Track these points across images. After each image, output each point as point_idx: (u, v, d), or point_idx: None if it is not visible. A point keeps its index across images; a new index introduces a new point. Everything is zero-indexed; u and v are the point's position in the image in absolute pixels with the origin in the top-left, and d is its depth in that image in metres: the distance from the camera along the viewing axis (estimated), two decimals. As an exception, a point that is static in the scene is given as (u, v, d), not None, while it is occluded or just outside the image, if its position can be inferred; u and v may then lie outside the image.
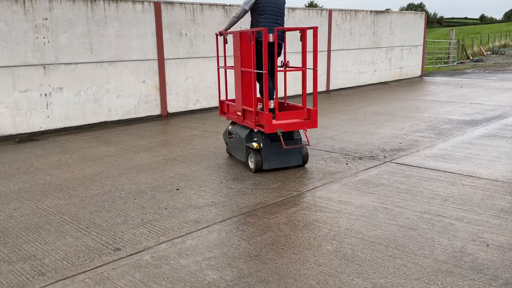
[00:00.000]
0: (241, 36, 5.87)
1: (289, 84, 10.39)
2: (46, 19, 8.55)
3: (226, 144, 6.79)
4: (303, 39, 5.74)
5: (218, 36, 6.57)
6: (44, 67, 8.62)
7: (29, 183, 5.68)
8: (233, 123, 6.62)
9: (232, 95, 6.73)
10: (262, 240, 3.90)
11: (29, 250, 3.83)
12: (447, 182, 5.26)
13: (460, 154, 6.46)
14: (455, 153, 6.50)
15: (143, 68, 10.06)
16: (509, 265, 3.35)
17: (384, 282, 3.18)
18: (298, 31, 5.81)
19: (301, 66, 5.73)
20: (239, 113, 6.17)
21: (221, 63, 7.06)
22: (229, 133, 6.54)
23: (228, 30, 6.43)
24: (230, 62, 6.60)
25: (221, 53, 6.96)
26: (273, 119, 5.67)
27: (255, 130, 5.83)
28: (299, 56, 5.94)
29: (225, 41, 6.58)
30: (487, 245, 3.68)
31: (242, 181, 5.50)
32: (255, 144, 5.77)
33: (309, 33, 5.75)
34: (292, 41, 7.90)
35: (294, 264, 3.47)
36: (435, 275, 3.24)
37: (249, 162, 5.97)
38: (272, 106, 5.92)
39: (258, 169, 5.79)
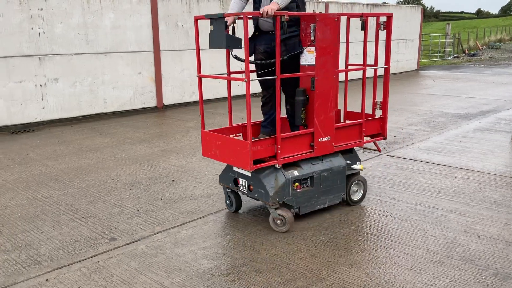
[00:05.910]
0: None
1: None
2: (42, 9, 8.50)
3: None
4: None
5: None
6: (39, 58, 8.59)
7: (25, 173, 5.69)
8: None
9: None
10: (257, 230, 3.93)
11: (25, 240, 3.85)
12: (440, 175, 5.31)
13: (454, 147, 6.51)
14: (449, 146, 6.55)
15: (139, 60, 10.04)
16: (499, 256, 3.40)
17: (376, 272, 3.22)
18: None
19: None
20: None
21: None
22: None
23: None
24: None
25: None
26: None
27: None
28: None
29: None
30: (479, 237, 3.73)
31: (237, 173, 5.53)
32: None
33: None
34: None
35: (288, 254, 3.51)
36: (427, 265, 3.29)
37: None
38: None
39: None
